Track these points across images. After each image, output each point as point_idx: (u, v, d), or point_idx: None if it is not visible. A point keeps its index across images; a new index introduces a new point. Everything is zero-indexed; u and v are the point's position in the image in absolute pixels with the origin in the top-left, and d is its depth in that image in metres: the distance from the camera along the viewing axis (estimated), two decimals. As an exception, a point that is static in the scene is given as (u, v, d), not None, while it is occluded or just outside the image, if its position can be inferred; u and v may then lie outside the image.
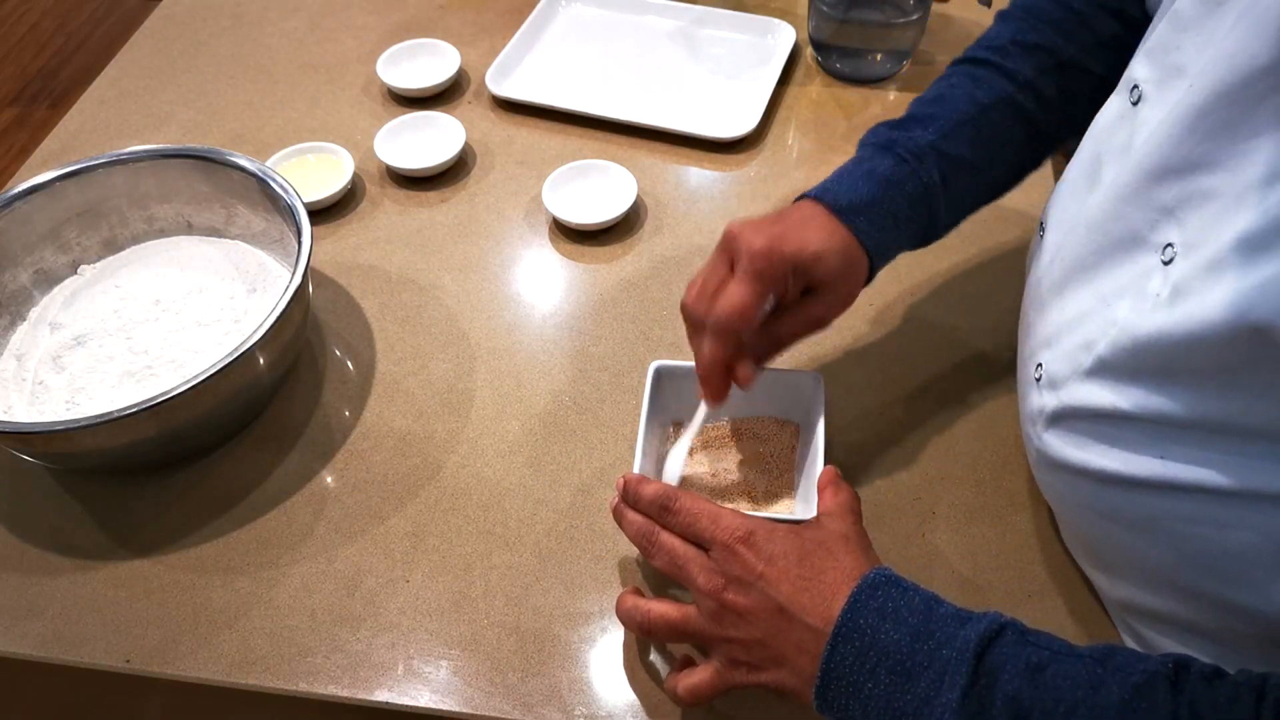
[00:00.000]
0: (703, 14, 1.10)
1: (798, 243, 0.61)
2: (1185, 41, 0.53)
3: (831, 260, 0.62)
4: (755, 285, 0.60)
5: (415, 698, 0.62)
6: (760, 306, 0.61)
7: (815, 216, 0.63)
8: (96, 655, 0.64)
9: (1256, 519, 0.48)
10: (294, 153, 0.93)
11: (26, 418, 0.72)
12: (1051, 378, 0.58)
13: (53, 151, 0.98)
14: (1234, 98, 0.46)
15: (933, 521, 0.70)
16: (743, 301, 0.60)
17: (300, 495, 0.72)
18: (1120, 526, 0.55)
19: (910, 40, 1.01)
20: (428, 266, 0.87)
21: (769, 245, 0.60)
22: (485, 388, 0.78)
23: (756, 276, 0.60)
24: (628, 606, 0.60)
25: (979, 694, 0.47)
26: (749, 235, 0.61)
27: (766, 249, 0.60)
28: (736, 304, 0.60)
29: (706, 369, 0.62)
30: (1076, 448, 0.56)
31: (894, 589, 0.52)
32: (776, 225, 0.62)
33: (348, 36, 1.10)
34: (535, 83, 1.03)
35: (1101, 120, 0.61)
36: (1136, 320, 0.51)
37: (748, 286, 0.60)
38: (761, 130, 0.98)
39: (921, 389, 0.78)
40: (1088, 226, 0.57)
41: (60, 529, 0.71)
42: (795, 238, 0.61)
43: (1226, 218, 0.46)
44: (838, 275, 0.63)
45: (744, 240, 0.61)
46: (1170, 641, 0.57)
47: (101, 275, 0.82)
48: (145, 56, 1.08)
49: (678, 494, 0.58)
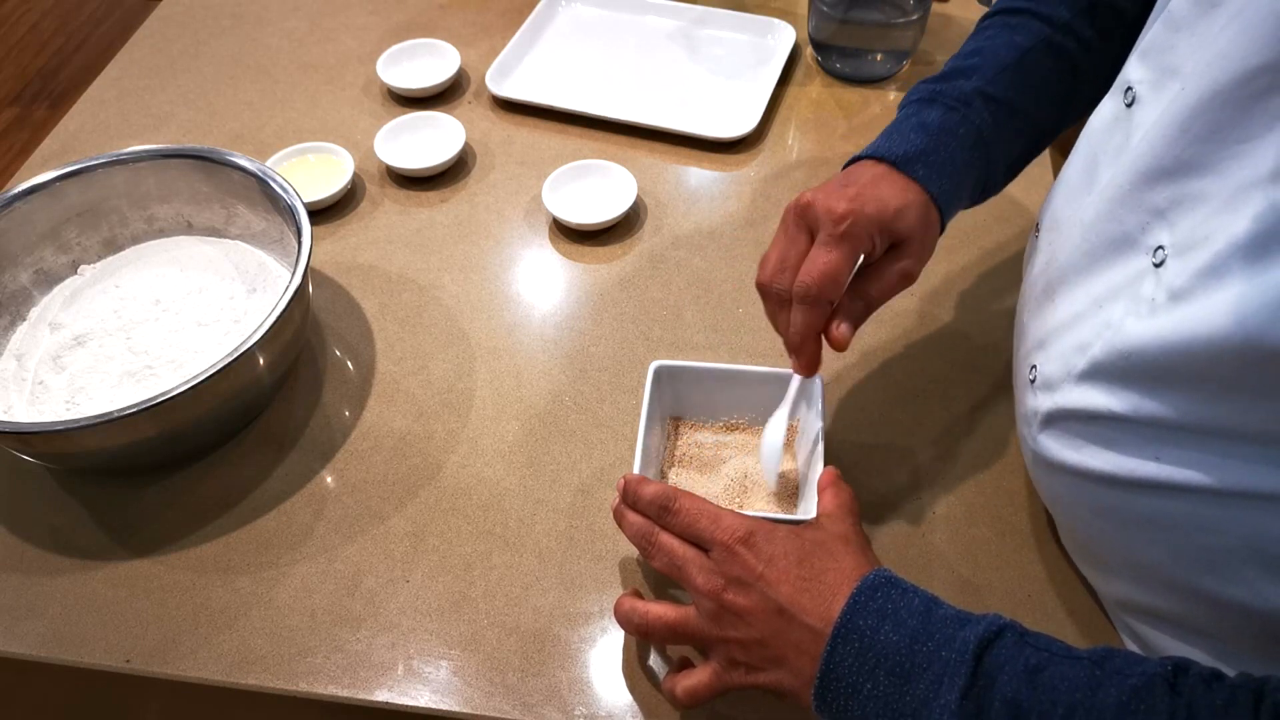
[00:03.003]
0: (703, 14, 1.10)
1: (877, 202, 0.60)
2: (1179, 43, 0.53)
3: (911, 214, 0.62)
4: (843, 248, 0.59)
5: (415, 698, 0.62)
6: (850, 269, 0.61)
7: (882, 174, 0.62)
8: (96, 655, 0.64)
9: (1250, 518, 0.48)
10: (294, 153, 0.93)
11: (26, 418, 0.72)
12: (1046, 379, 0.58)
13: (53, 151, 0.98)
14: (1226, 99, 0.46)
15: (932, 521, 0.70)
16: (833, 266, 0.59)
17: (300, 495, 0.72)
18: (1115, 526, 0.55)
19: (910, 40, 1.01)
20: (428, 266, 0.87)
21: (851, 208, 0.59)
22: (485, 388, 0.78)
23: (843, 239, 0.59)
24: (626, 609, 0.60)
25: (977, 695, 0.47)
26: (826, 201, 0.60)
27: (849, 211, 0.59)
28: (826, 269, 0.59)
29: (800, 338, 0.62)
30: (1071, 449, 0.56)
31: (893, 590, 0.52)
32: (849, 187, 0.61)
33: (348, 36, 1.10)
34: (535, 83, 1.03)
35: (1096, 121, 0.61)
36: (1132, 324, 0.51)
37: (835, 251, 0.59)
38: (761, 130, 0.98)
39: (921, 389, 0.78)
40: (1082, 228, 0.57)
41: (60, 529, 0.71)
42: (873, 196, 0.61)
43: (1217, 220, 0.46)
44: (918, 228, 0.62)
45: (822, 207, 0.60)
46: (1167, 639, 0.58)
47: (101, 275, 0.82)
48: (145, 56, 1.09)
49: (677, 494, 0.58)
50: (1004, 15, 0.70)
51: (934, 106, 0.65)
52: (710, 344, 0.81)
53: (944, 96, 0.65)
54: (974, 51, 0.68)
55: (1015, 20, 0.69)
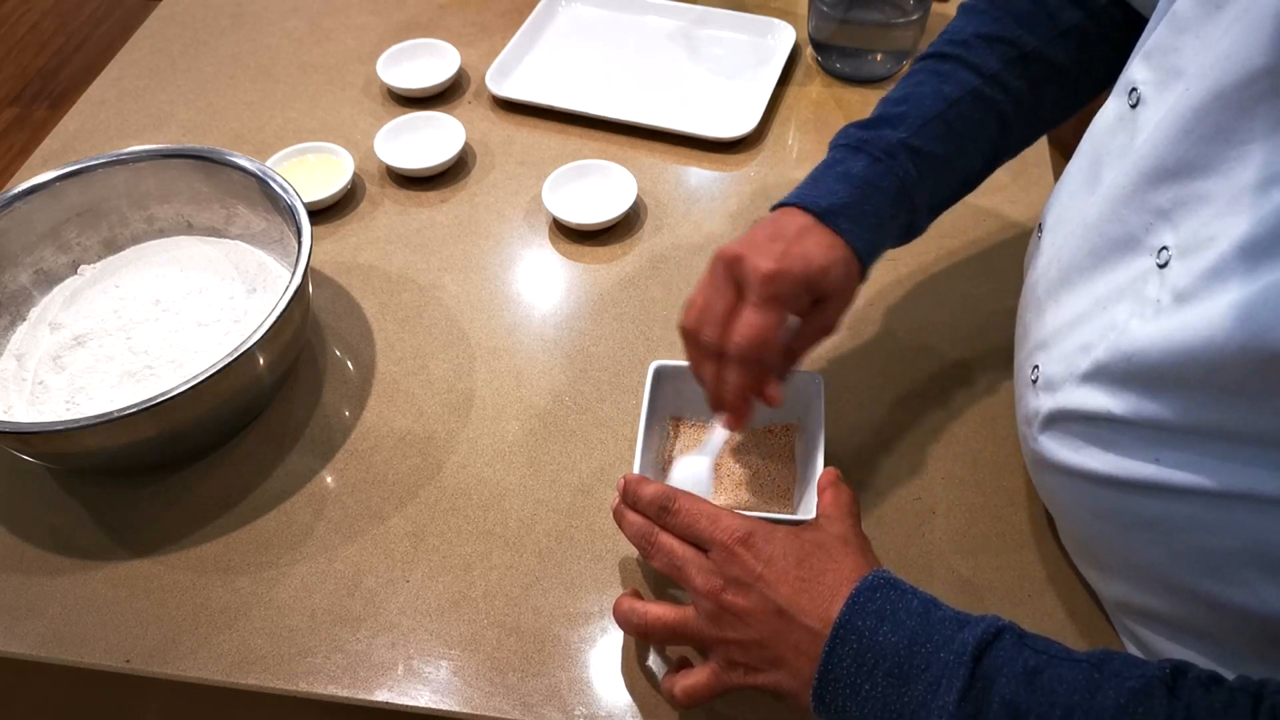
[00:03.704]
0: (703, 14, 1.10)
1: (803, 259, 0.61)
2: (1184, 44, 0.53)
3: (836, 271, 0.62)
4: (773, 309, 0.60)
5: (415, 698, 0.62)
6: (781, 329, 0.61)
7: (807, 228, 0.62)
8: (96, 655, 0.64)
9: (1249, 521, 0.48)
10: (294, 153, 0.93)
11: (26, 418, 0.72)
12: (1047, 380, 0.58)
13: (53, 151, 0.98)
14: (1229, 101, 0.46)
15: (932, 521, 0.70)
16: (765, 328, 0.60)
17: (300, 495, 0.72)
18: (1115, 527, 0.55)
19: (910, 40, 1.01)
20: (428, 266, 0.87)
21: (779, 268, 0.60)
22: (485, 388, 0.78)
23: (772, 300, 0.60)
24: (625, 609, 0.60)
25: (976, 697, 0.47)
26: (754, 259, 0.60)
27: (776, 272, 0.60)
28: (759, 332, 0.60)
29: (734, 398, 0.62)
30: (1071, 450, 0.56)
31: (892, 591, 0.52)
32: (776, 243, 0.61)
33: (348, 36, 1.10)
34: (535, 83, 1.03)
35: (1100, 123, 0.61)
36: (1136, 326, 0.51)
37: (767, 312, 0.60)
38: (761, 130, 0.98)
39: (921, 390, 0.78)
40: (1085, 228, 0.57)
41: (60, 529, 0.71)
42: (799, 254, 0.61)
43: (1220, 222, 0.46)
44: (842, 282, 0.63)
45: (751, 264, 0.60)
46: (1166, 641, 0.58)
47: (101, 275, 0.82)
48: (145, 56, 1.09)
49: (677, 495, 0.58)
50: (935, 60, 0.70)
51: (860, 156, 0.65)
52: (710, 344, 0.81)
53: (870, 146, 0.65)
54: (902, 99, 0.68)
55: (945, 68, 0.69)
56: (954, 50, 0.69)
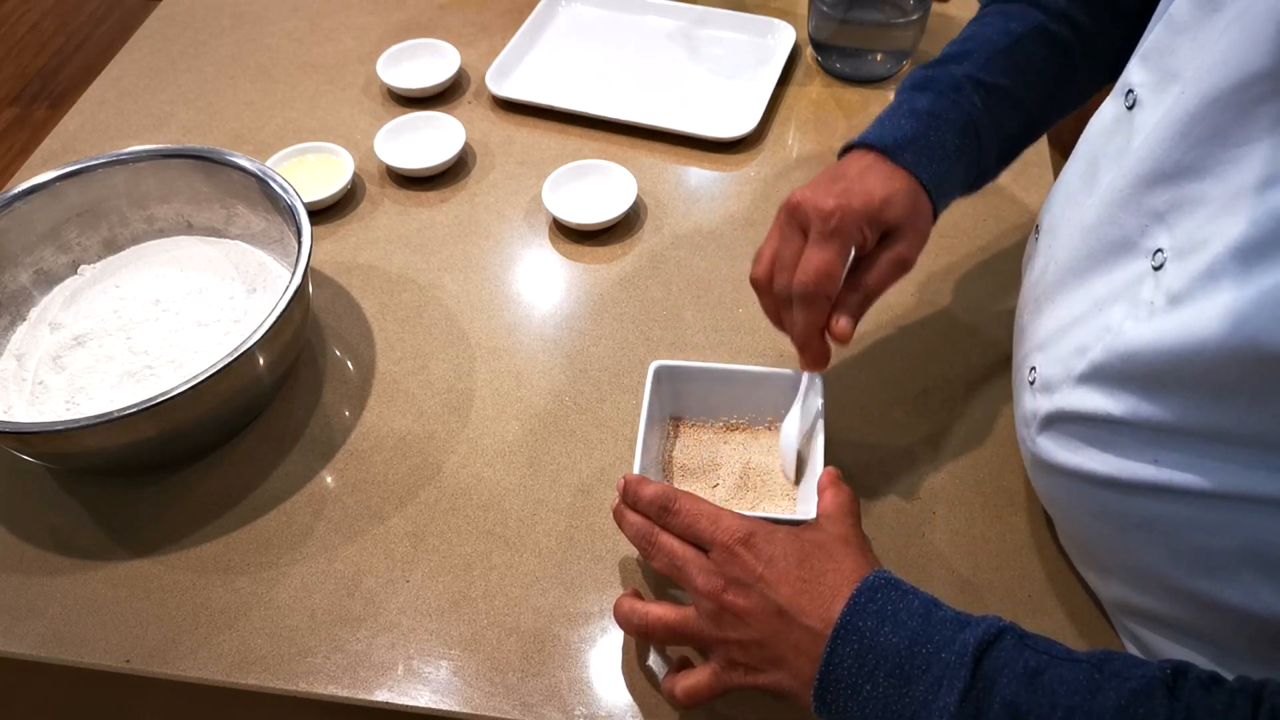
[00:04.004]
0: (703, 14, 1.10)
1: (863, 194, 0.61)
2: (1180, 46, 0.53)
3: (899, 202, 0.62)
4: (834, 245, 0.61)
5: (415, 698, 0.62)
6: (843, 264, 0.62)
7: (870, 165, 0.63)
8: (96, 655, 0.64)
9: (1247, 522, 0.48)
10: (294, 153, 0.93)
11: (26, 418, 0.72)
12: (1045, 381, 0.58)
13: (53, 151, 0.98)
14: (1225, 103, 0.46)
15: (932, 522, 0.70)
16: (826, 264, 0.60)
17: (300, 495, 0.72)
18: (1113, 528, 0.56)
19: (910, 40, 1.01)
20: (428, 266, 0.87)
21: (838, 204, 0.61)
22: (485, 388, 0.78)
23: (833, 235, 0.60)
24: (625, 610, 0.60)
25: (977, 697, 0.47)
26: (815, 199, 0.61)
27: (836, 207, 0.60)
28: (821, 268, 0.60)
29: (804, 336, 0.63)
30: (1069, 451, 0.56)
31: (893, 591, 0.52)
32: (838, 183, 0.62)
33: (348, 36, 1.10)
34: (535, 83, 1.03)
35: (1097, 124, 0.62)
36: (1132, 327, 0.51)
37: (827, 248, 0.60)
38: (761, 130, 0.98)
39: (921, 390, 0.78)
40: (1082, 230, 0.57)
41: (60, 529, 0.71)
42: (859, 190, 0.62)
43: (1217, 224, 0.46)
44: (908, 215, 0.63)
45: (811, 205, 0.61)
46: (1165, 641, 0.58)
47: (101, 275, 0.82)
48: (145, 56, 1.09)
49: (677, 495, 0.58)
50: (1001, 3, 0.71)
51: (925, 92, 0.66)
52: (710, 344, 0.81)
53: (935, 82, 0.66)
54: (968, 38, 0.69)
55: (1012, 7, 0.69)
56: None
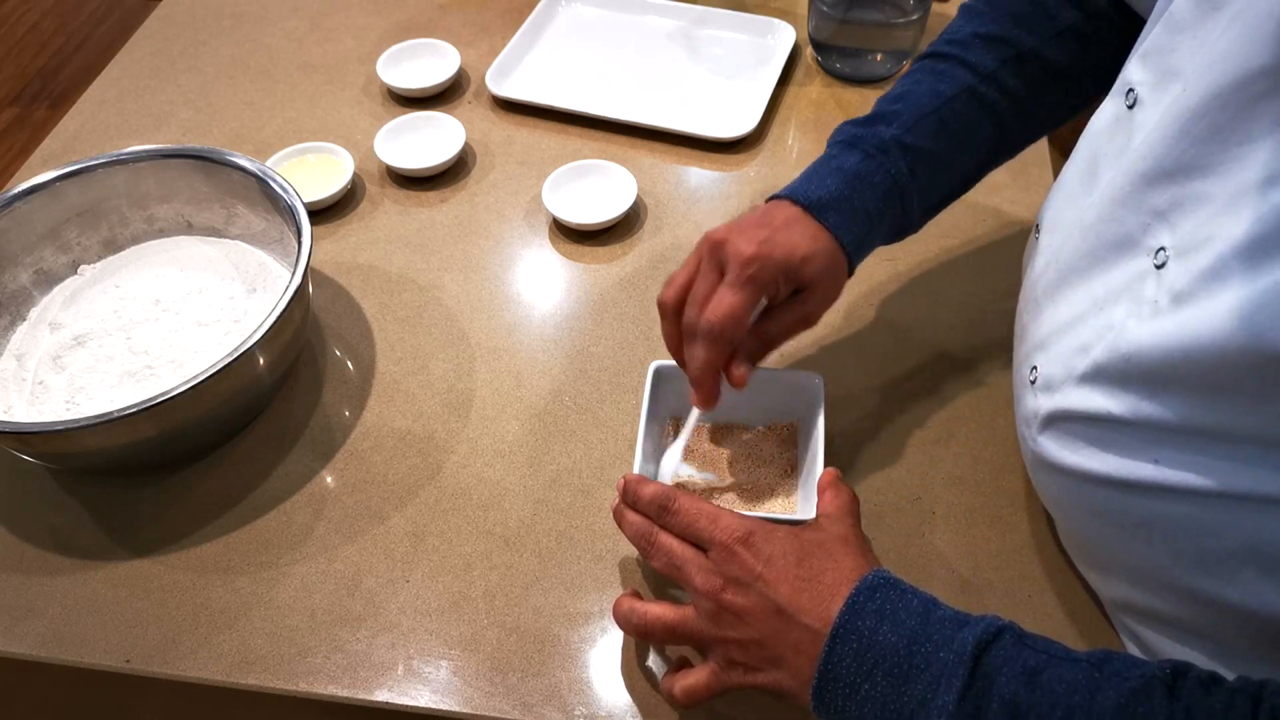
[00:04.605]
0: (703, 14, 1.10)
1: (786, 247, 0.62)
2: (1180, 44, 0.53)
3: (818, 261, 0.63)
4: (747, 290, 0.61)
5: (415, 698, 0.62)
6: (752, 311, 0.62)
7: (796, 218, 0.64)
8: (96, 655, 0.64)
9: (1248, 521, 0.48)
10: (294, 153, 0.93)
11: (26, 418, 0.72)
12: (1046, 381, 0.58)
13: (53, 151, 0.98)
14: (1227, 101, 0.46)
15: (932, 522, 0.70)
16: (735, 306, 0.61)
17: (300, 495, 0.72)
18: (1114, 527, 0.55)
19: (910, 40, 1.01)
20: (428, 266, 0.87)
21: (759, 252, 0.61)
22: (485, 388, 0.78)
23: (748, 282, 0.61)
24: (625, 610, 0.60)
25: (976, 697, 0.47)
26: (737, 242, 0.62)
27: (756, 255, 0.61)
28: (730, 311, 0.61)
29: (700, 374, 0.63)
30: (1070, 450, 0.56)
31: (892, 591, 0.52)
32: (762, 229, 0.63)
33: (348, 36, 1.10)
34: (535, 83, 1.03)
35: (1097, 123, 0.61)
36: (1133, 326, 0.51)
37: (740, 293, 0.61)
38: (761, 130, 0.98)
39: (921, 390, 0.78)
40: (1082, 229, 0.57)
41: (60, 529, 0.71)
42: (783, 241, 0.62)
43: (1219, 222, 0.46)
44: (824, 274, 0.64)
45: (732, 247, 0.62)
46: (1166, 641, 0.58)
47: (101, 275, 0.82)
48: (145, 56, 1.09)
49: (676, 494, 0.58)
50: (932, 60, 0.71)
51: (854, 152, 0.67)
52: (710, 344, 0.81)
53: (863, 142, 0.67)
54: (899, 97, 0.69)
55: (943, 66, 0.70)
56: (951, 50, 0.70)
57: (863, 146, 0.66)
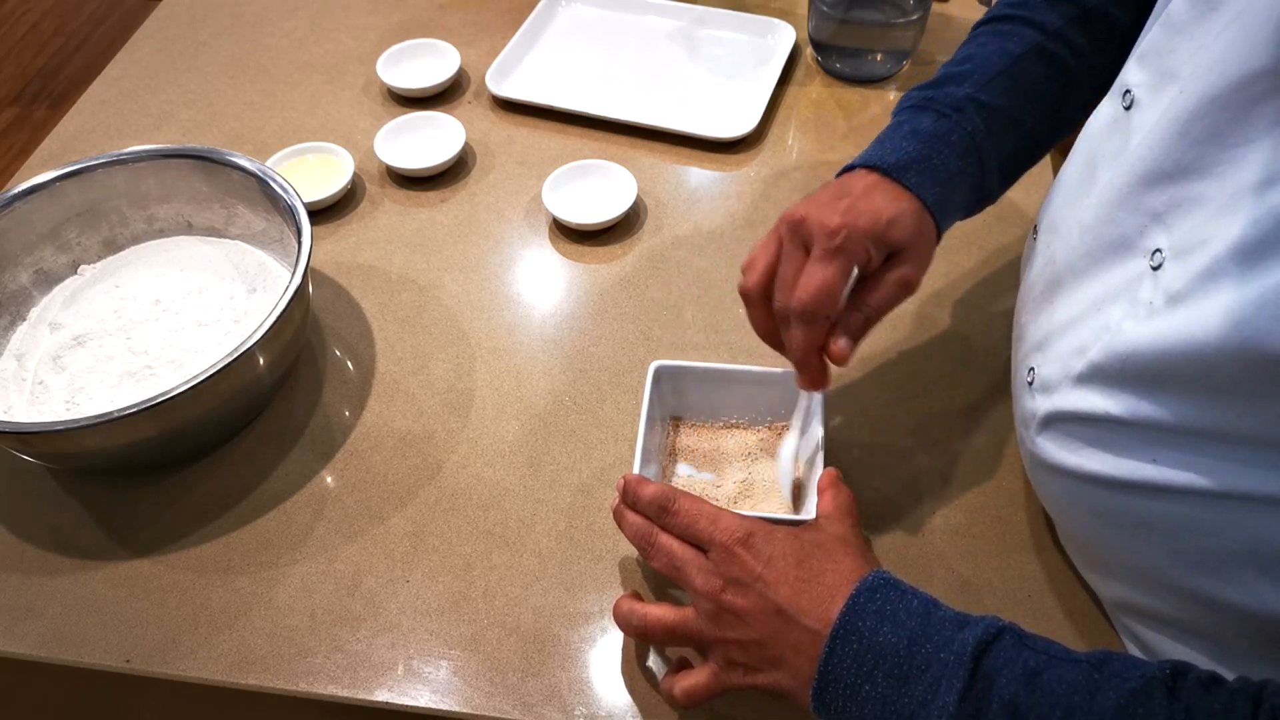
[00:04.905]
0: (703, 14, 1.10)
1: (870, 213, 0.60)
2: (1178, 46, 0.52)
3: (905, 222, 0.61)
4: (837, 262, 0.59)
5: (415, 698, 0.62)
6: (845, 283, 0.60)
7: (875, 184, 0.62)
8: (96, 655, 0.64)
9: (1248, 521, 0.48)
10: (294, 153, 0.93)
11: (26, 418, 0.72)
12: (1044, 382, 0.58)
13: (53, 151, 0.98)
14: (1224, 103, 0.46)
15: (932, 522, 0.70)
16: (829, 282, 0.59)
17: (300, 495, 0.72)
18: (1113, 528, 0.55)
19: (910, 40, 1.01)
20: (428, 266, 0.87)
21: (844, 221, 0.59)
22: (485, 388, 0.78)
23: (837, 253, 0.59)
24: (624, 610, 0.60)
25: (976, 697, 0.47)
26: (819, 215, 0.60)
27: (842, 225, 0.59)
28: (823, 286, 0.59)
29: (803, 356, 0.61)
30: (1069, 451, 0.56)
31: (892, 591, 0.52)
32: (843, 199, 0.61)
33: (348, 36, 1.10)
34: (535, 83, 1.03)
35: (1095, 124, 0.61)
36: (1130, 327, 0.51)
37: (830, 266, 0.59)
38: (761, 130, 0.98)
39: (921, 390, 0.78)
40: (1080, 231, 0.57)
41: (60, 529, 0.71)
42: (865, 208, 0.60)
43: (1216, 224, 0.46)
44: (913, 236, 0.62)
45: (815, 221, 0.60)
46: (1166, 640, 0.58)
47: (101, 275, 0.82)
48: (145, 56, 1.09)
49: (676, 495, 0.58)
50: (996, 23, 0.70)
51: (926, 113, 0.65)
52: (710, 344, 0.81)
53: (936, 103, 0.65)
54: (966, 58, 0.68)
55: (1007, 27, 0.69)
56: (1015, 11, 0.69)
57: (935, 107, 0.65)
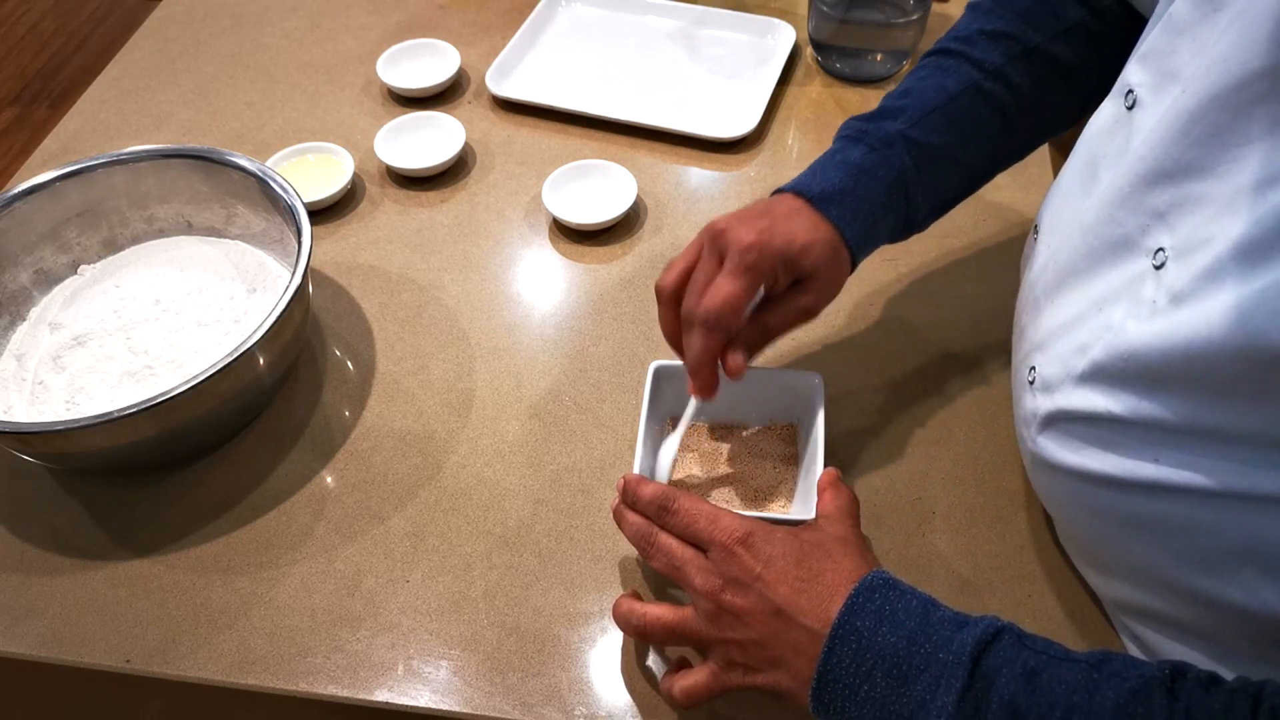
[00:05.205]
0: (703, 14, 1.10)
1: (785, 236, 0.62)
2: (1180, 46, 0.53)
3: (818, 251, 0.63)
4: (746, 278, 0.61)
5: (415, 698, 0.62)
6: (750, 299, 0.62)
7: (798, 209, 0.64)
8: (96, 655, 0.64)
9: (1248, 520, 0.48)
10: (294, 153, 0.93)
11: (26, 418, 0.72)
12: (1045, 381, 0.58)
13: (53, 151, 0.98)
14: (1225, 103, 0.46)
15: (932, 522, 0.70)
16: (733, 294, 0.61)
17: (300, 495, 0.72)
18: (1114, 527, 0.55)
19: (910, 40, 1.01)
20: (428, 266, 0.87)
21: (758, 240, 0.61)
22: (485, 388, 0.78)
23: (747, 270, 0.61)
24: (624, 610, 0.60)
25: (975, 697, 0.47)
26: (737, 230, 0.62)
27: (756, 243, 0.61)
28: (727, 297, 0.60)
29: (697, 362, 0.63)
30: (1070, 450, 0.56)
31: (891, 592, 0.52)
32: (763, 219, 0.63)
33: (348, 36, 1.10)
34: (535, 83, 1.03)
35: (1096, 124, 0.61)
36: (1132, 326, 0.51)
37: (738, 280, 0.61)
38: (761, 130, 0.98)
39: (921, 390, 0.78)
40: (1081, 230, 0.57)
41: (60, 529, 0.71)
42: (782, 230, 0.62)
43: (1217, 224, 0.46)
44: (824, 266, 0.63)
45: (732, 235, 0.62)
46: (1166, 640, 0.58)
47: (101, 275, 0.82)
48: (145, 56, 1.09)
49: (676, 495, 0.58)
50: (938, 56, 0.71)
51: (859, 145, 0.67)
52: (710, 344, 0.81)
53: (869, 136, 0.67)
54: (904, 93, 0.69)
55: (949, 63, 0.70)
56: (958, 46, 0.70)
57: (867, 140, 0.66)
